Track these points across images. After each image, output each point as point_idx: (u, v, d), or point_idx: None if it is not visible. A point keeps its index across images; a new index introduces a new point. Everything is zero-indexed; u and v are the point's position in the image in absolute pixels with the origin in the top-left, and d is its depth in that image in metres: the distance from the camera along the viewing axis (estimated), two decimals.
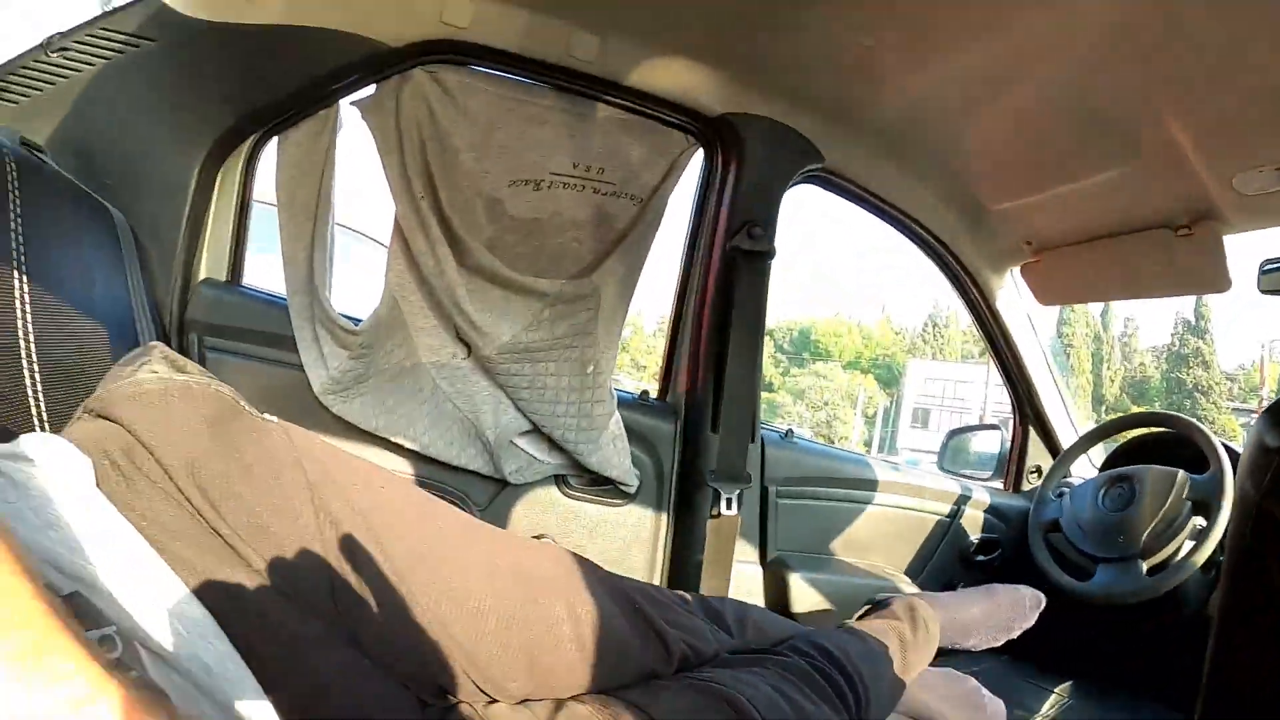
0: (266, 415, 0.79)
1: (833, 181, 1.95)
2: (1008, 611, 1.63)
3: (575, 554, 0.96)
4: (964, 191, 1.93)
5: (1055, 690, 1.90)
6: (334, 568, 0.70)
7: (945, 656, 1.60)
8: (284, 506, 0.69)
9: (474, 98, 1.61)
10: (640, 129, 1.73)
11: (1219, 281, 1.72)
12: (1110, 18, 1.20)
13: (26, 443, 0.61)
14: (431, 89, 1.58)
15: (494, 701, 0.81)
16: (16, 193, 1.05)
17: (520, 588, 0.83)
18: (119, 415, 0.66)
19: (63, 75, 1.40)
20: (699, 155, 1.83)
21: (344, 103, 1.61)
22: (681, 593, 1.19)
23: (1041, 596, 1.68)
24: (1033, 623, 1.66)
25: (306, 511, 0.70)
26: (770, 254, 1.77)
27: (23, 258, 1.03)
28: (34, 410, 1.00)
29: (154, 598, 0.57)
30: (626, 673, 0.92)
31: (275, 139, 1.61)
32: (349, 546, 0.71)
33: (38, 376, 1.01)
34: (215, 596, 0.63)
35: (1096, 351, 48.72)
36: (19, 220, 1.04)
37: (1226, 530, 1.62)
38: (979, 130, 1.68)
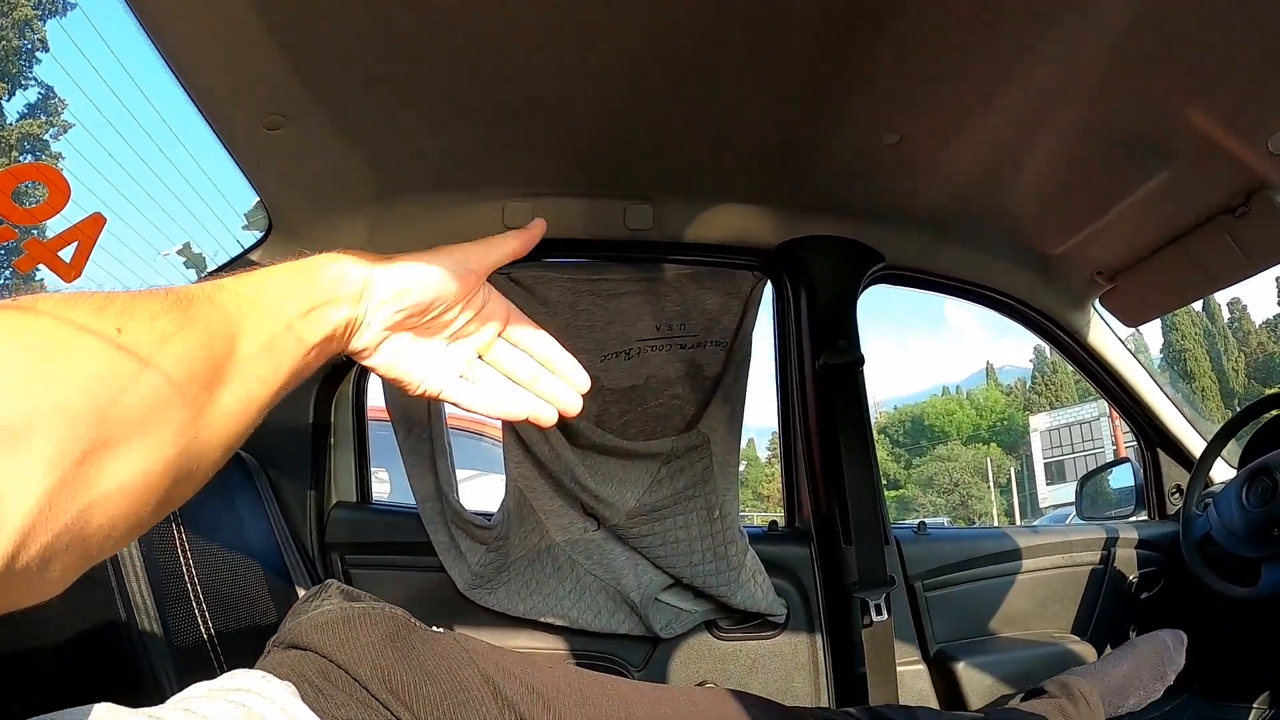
0: (434, 627, 0.87)
1: (900, 275, 1.98)
2: (1153, 658, 1.57)
3: (736, 691, 1.01)
4: (1024, 245, 1.94)
5: (1255, 705, 1.81)
6: None
7: None
8: (468, 699, 0.76)
9: (550, 288, 1.74)
10: (709, 278, 1.82)
11: None
12: (1108, 38, 1.22)
13: (238, 677, 0.69)
14: (510, 289, 1.71)
15: None
16: None
17: None
18: (309, 643, 0.75)
19: None
20: (769, 286, 1.90)
21: None
22: (847, 709, 1.20)
23: (1182, 634, 1.62)
24: (1183, 661, 1.59)
25: (488, 699, 0.77)
26: (859, 362, 1.79)
27: (179, 515, 1.15)
28: (207, 640, 1.11)
29: None
30: None
31: None
32: None
33: (207, 612, 1.13)
34: None
35: (1212, 347, 46.10)
36: None
37: None
38: (1018, 184, 1.70)
